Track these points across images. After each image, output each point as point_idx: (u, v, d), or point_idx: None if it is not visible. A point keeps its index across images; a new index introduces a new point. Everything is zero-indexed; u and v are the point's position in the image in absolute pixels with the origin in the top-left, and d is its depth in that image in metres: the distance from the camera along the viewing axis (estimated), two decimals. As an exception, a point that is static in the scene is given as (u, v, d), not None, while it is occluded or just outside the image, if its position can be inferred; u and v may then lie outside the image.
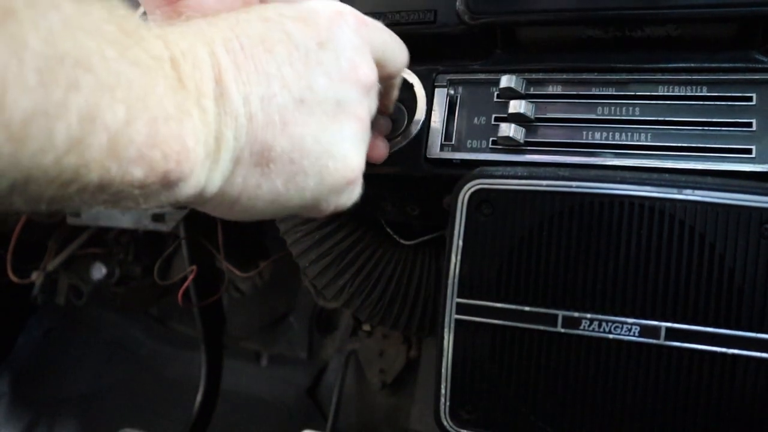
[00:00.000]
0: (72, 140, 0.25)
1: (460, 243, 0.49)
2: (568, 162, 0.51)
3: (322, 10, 0.40)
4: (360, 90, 0.40)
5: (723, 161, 0.47)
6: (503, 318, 0.48)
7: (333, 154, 0.39)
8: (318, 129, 0.38)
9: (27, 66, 0.23)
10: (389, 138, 0.55)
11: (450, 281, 0.49)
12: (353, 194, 0.44)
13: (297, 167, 0.37)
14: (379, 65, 0.43)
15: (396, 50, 0.46)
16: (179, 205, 0.35)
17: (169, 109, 0.30)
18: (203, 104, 0.32)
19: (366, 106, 0.42)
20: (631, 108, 0.50)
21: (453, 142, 0.54)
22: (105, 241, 1.27)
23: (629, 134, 0.50)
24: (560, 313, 0.46)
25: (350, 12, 0.41)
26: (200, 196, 0.34)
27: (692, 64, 0.50)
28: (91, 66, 0.26)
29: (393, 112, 0.55)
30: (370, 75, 0.41)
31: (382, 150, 0.53)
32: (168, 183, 0.31)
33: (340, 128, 0.39)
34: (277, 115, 0.36)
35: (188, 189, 0.32)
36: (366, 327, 1.12)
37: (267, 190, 0.37)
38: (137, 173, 0.29)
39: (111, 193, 0.29)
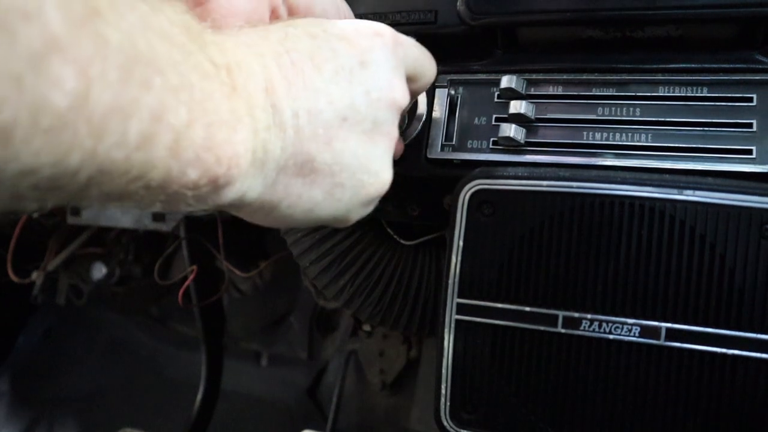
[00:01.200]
0: (142, 137, 0.26)
1: (461, 243, 0.49)
2: (568, 162, 0.51)
3: (363, 30, 0.42)
4: (394, 111, 0.42)
5: (723, 162, 0.47)
6: (504, 318, 0.48)
7: (368, 169, 0.41)
8: (356, 145, 0.40)
9: (109, 63, 0.24)
10: None
11: (450, 281, 0.49)
12: (374, 206, 0.46)
13: (336, 180, 0.39)
14: (410, 81, 0.45)
15: (426, 65, 0.48)
16: (220, 209, 0.36)
17: (224, 115, 0.31)
18: (255, 114, 0.33)
19: (396, 125, 0.44)
20: (631, 108, 0.50)
21: (454, 143, 0.54)
22: (105, 241, 1.27)
23: (630, 135, 0.50)
24: (560, 314, 0.46)
25: (388, 32, 0.43)
26: (241, 201, 0.35)
27: (693, 65, 0.50)
28: (161, 68, 0.27)
29: None
30: (404, 96, 0.43)
31: (398, 149, 0.54)
32: (217, 186, 0.32)
33: (374, 146, 0.41)
34: (321, 130, 0.37)
35: (232, 193, 0.33)
36: (366, 327, 1.12)
37: (306, 199, 0.39)
38: (193, 175, 0.30)
39: (168, 193, 0.30)
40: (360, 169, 0.40)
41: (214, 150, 0.30)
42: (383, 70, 0.41)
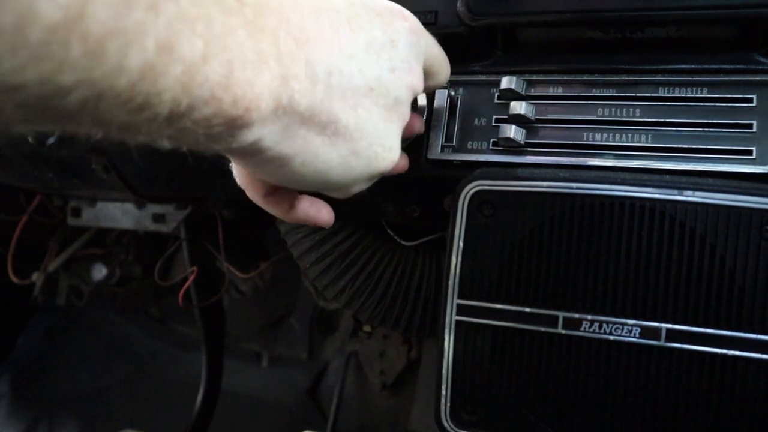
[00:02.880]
0: (147, 66, 0.25)
1: (461, 244, 0.49)
2: (568, 163, 0.51)
3: (397, 11, 0.43)
4: (410, 94, 0.43)
5: (723, 163, 0.47)
6: (504, 319, 0.48)
7: (383, 143, 0.41)
8: (378, 117, 0.40)
9: None
10: None
11: (450, 282, 0.49)
12: (374, 182, 0.46)
13: (355, 146, 0.39)
14: (425, 75, 0.46)
15: (443, 65, 0.48)
16: (232, 153, 0.36)
17: (248, 54, 0.30)
18: (284, 61, 0.32)
19: (409, 108, 0.44)
20: (631, 109, 0.50)
21: (453, 144, 0.54)
22: (105, 241, 1.27)
23: (630, 135, 0.50)
24: (561, 315, 0.46)
25: (415, 21, 0.44)
26: (256, 147, 0.34)
27: (693, 66, 0.50)
28: None
29: None
30: (420, 84, 0.44)
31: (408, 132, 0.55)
32: (232, 127, 0.31)
33: (392, 122, 0.42)
34: (350, 93, 0.37)
35: (249, 136, 0.32)
36: (366, 328, 1.12)
37: (322, 160, 0.38)
38: (206, 112, 0.28)
39: (177, 128, 0.29)
40: (377, 141, 0.41)
41: (233, 89, 0.29)
42: (408, 54, 0.42)
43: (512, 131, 0.51)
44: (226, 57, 0.28)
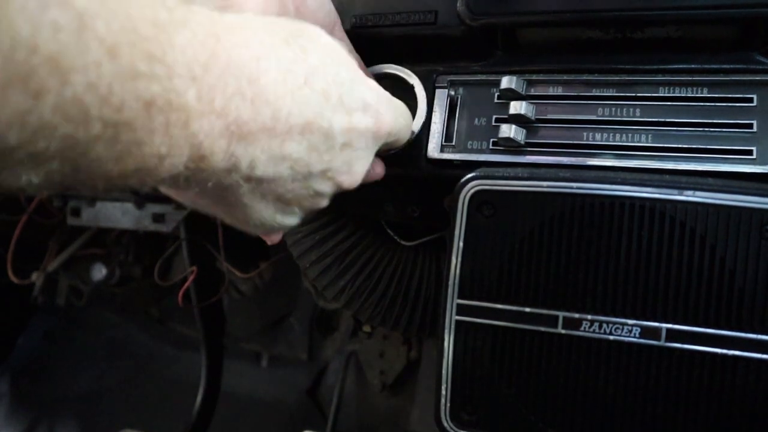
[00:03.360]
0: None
1: (461, 244, 0.49)
2: (568, 163, 0.51)
3: (370, 111, 0.42)
4: (337, 188, 0.44)
5: (724, 162, 0.47)
6: (504, 319, 0.48)
7: (290, 215, 0.43)
8: (290, 198, 0.41)
9: None
10: None
11: (451, 282, 0.49)
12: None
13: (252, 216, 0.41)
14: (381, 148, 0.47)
15: (402, 133, 0.49)
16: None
17: (160, 148, 0.30)
18: (202, 153, 0.33)
19: (330, 191, 0.45)
20: (631, 109, 0.50)
21: (453, 143, 0.54)
22: (105, 241, 1.27)
23: (630, 135, 0.50)
24: (561, 315, 0.46)
25: (386, 123, 0.44)
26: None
27: (693, 66, 0.50)
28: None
29: None
30: (356, 178, 0.44)
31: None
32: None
33: (306, 202, 0.43)
34: (267, 184, 0.38)
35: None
36: (366, 328, 1.12)
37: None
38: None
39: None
40: (269, 217, 0.41)
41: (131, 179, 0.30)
42: (354, 157, 0.42)
43: (512, 131, 0.51)
44: (124, 140, 0.28)
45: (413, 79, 0.56)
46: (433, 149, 0.55)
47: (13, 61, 0.23)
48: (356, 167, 0.43)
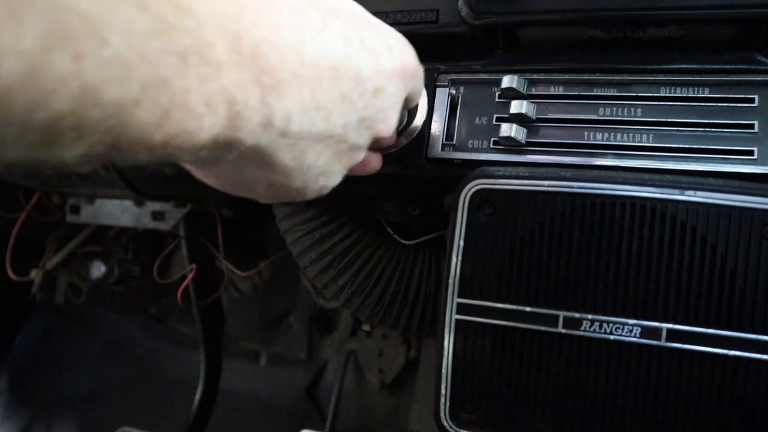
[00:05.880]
0: (73, 112, 0.25)
1: (461, 243, 0.49)
2: (569, 162, 0.51)
3: (396, 53, 0.41)
4: (373, 139, 0.43)
5: (725, 163, 0.47)
6: (504, 318, 0.48)
7: (317, 180, 0.41)
8: (324, 161, 0.40)
9: None
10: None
11: (451, 281, 0.49)
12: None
13: (288, 181, 0.40)
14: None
15: (418, 95, 0.48)
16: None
17: (192, 101, 0.29)
18: (236, 108, 0.32)
19: (365, 150, 0.44)
20: (632, 109, 0.50)
21: (454, 142, 0.54)
22: (104, 239, 1.27)
23: (631, 135, 0.50)
24: (561, 314, 0.46)
25: (413, 65, 0.44)
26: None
27: (694, 66, 0.50)
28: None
29: None
30: (390, 128, 0.43)
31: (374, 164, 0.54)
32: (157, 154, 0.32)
33: (338, 163, 0.42)
34: (303, 140, 0.37)
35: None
36: (365, 327, 1.12)
37: (249, 179, 0.40)
38: (135, 147, 0.29)
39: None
40: (312, 178, 0.40)
41: (165, 132, 0.29)
42: (388, 103, 0.41)
43: (513, 130, 0.51)
44: (163, 101, 0.27)
45: (414, 78, 0.56)
46: (434, 148, 0.55)
47: (54, 22, 0.22)
48: (391, 114, 0.42)
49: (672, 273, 0.44)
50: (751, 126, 0.47)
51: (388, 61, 0.40)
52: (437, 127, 0.55)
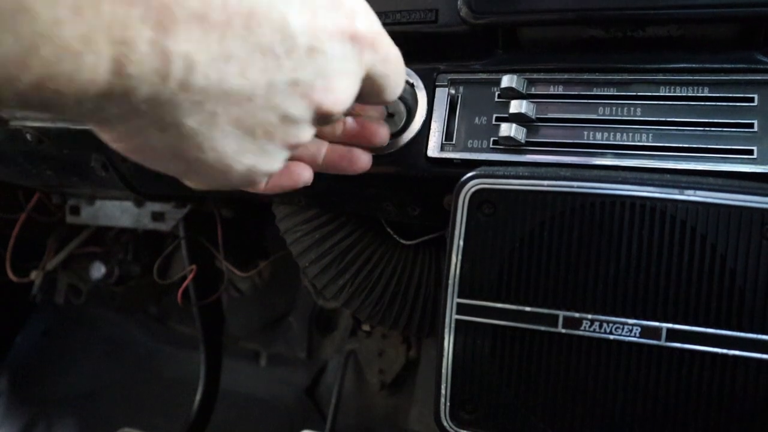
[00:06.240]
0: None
1: (461, 243, 0.49)
2: (569, 162, 0.51)
3: (341, 11, 0.35)
4: (314, 115, 0.36)
5: (724, 162, 0.47)
6: (504, 318, 0.48)
7: (243, 162, 0.35)
8: (245, 134, 0.34)
9: None
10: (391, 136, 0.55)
11: (450, 281, 0.49)
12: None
13: (198, 157, 0.34)
14: (365, 93, 0.40)
15: (390, 84, 0.41)
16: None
17: (71, 41, 0.26)
18: (122, 50, 0.27)
19: (310, 133, 0.37)
20: (632, 108, 0.50)
21: (454, 142, 0.54)
22: (104, 240, 1.27)
23: (630, 134, 0.50)
24: (561, 314, 0.46)
25: (364, 30, 0.37)
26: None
27: (694, 65, 0.50)
28: None
29: (389, 111, 0.54)
30: (340, 103, 0.37)
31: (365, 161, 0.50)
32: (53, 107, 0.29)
33: (267, 142, 0.35)
34: (213, 98, 0.31)
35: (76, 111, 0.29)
36: (365, 327, 1.12)
37: (155, 150, 0.34)
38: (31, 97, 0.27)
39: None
40: (232, 155, 0.34)
41: (53, 83, 0.26)
42: (330, 68, 0.34)
43: (513, 130, 0.51)
44: (25, 31, 0.24)
45: (413, 78, 0.56)
46: (433, 148, 0.55)
47: None
48: (336, 82, 0.35)
49: (672, 272, 0.44)
50: (751, 125, 0.47)
51: (331, 17, 0.34)
52: (436, 126, 0.55)
